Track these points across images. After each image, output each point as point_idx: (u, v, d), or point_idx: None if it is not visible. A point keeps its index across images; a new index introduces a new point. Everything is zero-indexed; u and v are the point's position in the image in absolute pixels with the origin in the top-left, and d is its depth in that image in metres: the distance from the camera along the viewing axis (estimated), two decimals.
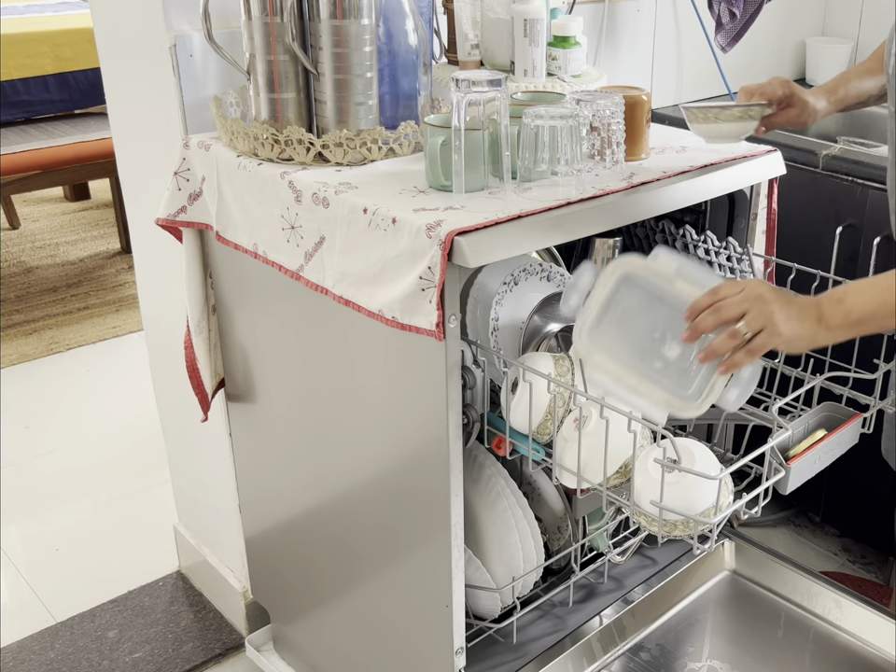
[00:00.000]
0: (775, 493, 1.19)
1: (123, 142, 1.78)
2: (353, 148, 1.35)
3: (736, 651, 1.51)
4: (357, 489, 1.41)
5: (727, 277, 1.45)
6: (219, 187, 1.42)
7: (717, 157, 1.40)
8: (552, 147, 1.22)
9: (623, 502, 1.21)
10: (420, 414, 1.22)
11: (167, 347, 1.86)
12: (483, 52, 1.60)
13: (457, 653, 1.31)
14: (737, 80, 2.36)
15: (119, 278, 3.76)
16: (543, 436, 1.25)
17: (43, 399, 2.95)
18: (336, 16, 1.30)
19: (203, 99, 1.51)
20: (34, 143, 3.55)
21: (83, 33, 3.67)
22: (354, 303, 1.23)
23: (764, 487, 1.17)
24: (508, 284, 1.33)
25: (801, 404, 1.40)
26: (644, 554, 1.65)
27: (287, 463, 1.58)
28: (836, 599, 1.53)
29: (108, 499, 2.46)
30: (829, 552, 2.18)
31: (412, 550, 1.33)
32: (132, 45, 1.60)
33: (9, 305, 3.53)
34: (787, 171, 1.46)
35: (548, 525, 1.52)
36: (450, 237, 1.08)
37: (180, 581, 2.14)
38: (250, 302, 1.52)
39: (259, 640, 1.88)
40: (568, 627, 1.48)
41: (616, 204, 1.25)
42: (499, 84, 1.18)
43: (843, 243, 1.86)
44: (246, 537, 1.82)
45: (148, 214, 1.59)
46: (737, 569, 1.65)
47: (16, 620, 2.05)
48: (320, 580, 1.59)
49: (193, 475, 1.98)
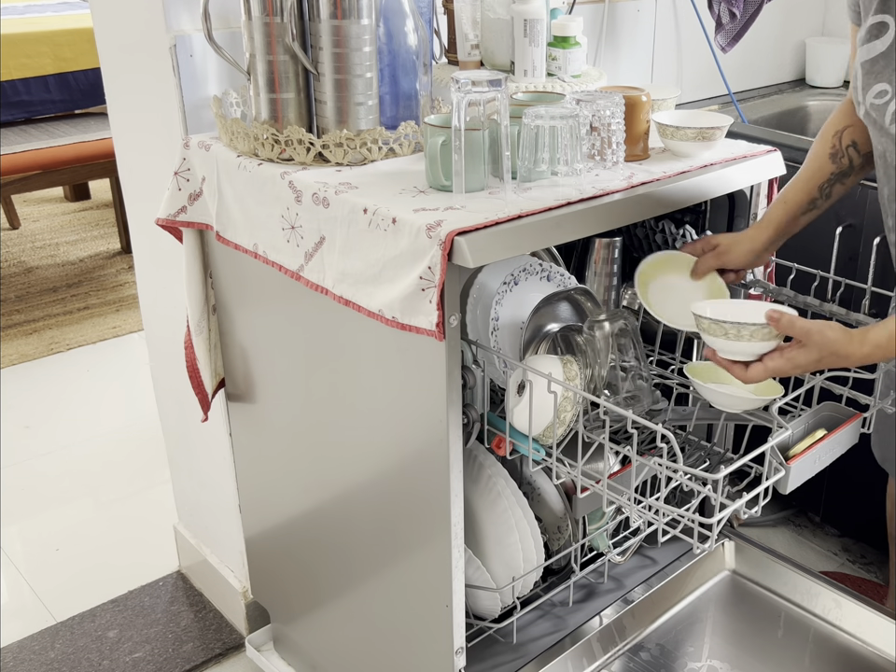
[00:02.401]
0: (775, 493, 1.19)
1: (123, 142, 1.78)
2: (353, 148, 1.35)
3: (736, 650, 1.51)
4: (357, 489, 1.41)
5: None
6: (219, 187, 1.42)
7: (717, 157, 1.40)
8: (552, 146, 1.22)
9: (623, 501, 1.21)
10: (420, 414, 1.22)
11: (167, 347, 1.86)
12: (483, 52, 1.60)
13: (457, 653, 1.31)
14: (737, 80, 2.37)
15: (119, 278, 3.76)
16: (549, 438, 1.25)
17: (43, 398, 2.95)
18: (336, 16, 1.30)
19: (203, 99, 1.51)
20: (34, 143, 3.55)
21: (83, 33, 3.67)
22: (354, 303, 1.23)
23: (764, 487, 1.17)
24: (508, 284, 1.33)
25: (801, 404, 1.40)
26: (644, 554, 1.65)
27: (286, 463, 1.58)
28: (836, 599, 1.53)
29: (108, 499, 2.46)
30: (829, 552, 2.18)
31: (412, 550, 1.33)
32: (132, 45, 1.61)
33: (9, 305, 3.53)
34: (787, 171, 1.46)
35: (548, 524, 1.52)
36: (450, 237, 1.08)
37: (180, 581, 2.14)
38: (250, 302, 1.52)
39: (259, 640, 1.88)
40: (568, 627, 1.48)
41: (616, 204, 1.25)
42: (499, 84, 1.18)
43: (843, 243, 1.86)
44: (246, 537, 1.82)
45: (149, 214, 1.59)
46: (737, 569, 1.65)
47: (16, 620, 2.05)
48: (320, 579, 1.59)
49: (193, 475, 1.98)
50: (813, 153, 1.42)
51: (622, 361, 1.34)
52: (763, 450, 1.16)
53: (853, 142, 1.38)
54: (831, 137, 1.40)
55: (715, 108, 2.22)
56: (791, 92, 2.48)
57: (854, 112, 1.38)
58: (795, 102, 2.44)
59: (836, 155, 1.39)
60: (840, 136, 1.39)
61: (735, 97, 2.27)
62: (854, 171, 1.40)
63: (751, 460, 1.18)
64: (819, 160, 1.41)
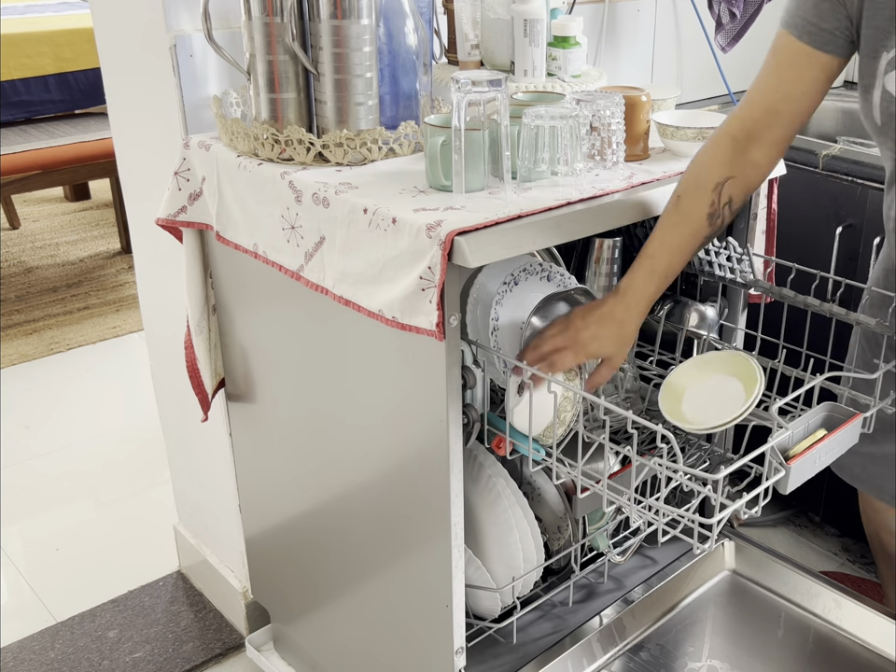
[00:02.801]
0: (775, 493, 1.19)
1: (123, 142, 1.78)
2: (353, 148, 1.35)
3: (736, 650, 1.51)
4: (357, 489, 1.41)
5: (727, 277, 1.45)
6: (219, 187, 1.42)
7: None
8: (552, 146, 1.22)
9: (623, 501, 1.21)
10: (420, 414, 1.22)
11: (167, 347, 1.86)
12: (483, 52, 1.60)
13: (457, 653, 1.31)
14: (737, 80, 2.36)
15: (119, 278, 3.76)
16: (549, 438, 1.25)
17: (43, 398, 2.95)
18: (336, 16, 1.30)
19: (203, 99, 1.51)
20: (34, 143, 3.55)
21: (83, 33, 3.67)
22: (354, 303, 1.23)
23: (764, 487, 1.17)
24: (508, 284, 1.33)
25: (801, 404, 1.40)
26: (644, 554, 1.65)
27: (287, 463, 1.58)
28: (836, 599, 1.53)
29: (108, 499, 2.46)
30: (829, 552, 2.18)
31: (412, 550, 1.33)
32: (132, 45, 1.61)
33: (9, 305, 3.53)
34: (787, 171, 1.46)
35: (548, 524, 1.52)
36: (450, 237, 1.08)
37: (180, 581, 2.14)
38: (250, 302, 1.52)
39: (259, 640, 1.88)
40: (568, 627, 1.48)
41: (616, 204, 1.25)
42: (499, 84, 1.18)
43: (843, 243, 1.86)
44: (246, 537, 1.82)
45: (149, 214, 1.59)
46: (737, 569, 1.65)
47: (16, 620, 2.05)
48: (320, 579, 1.59)
49: (193, 475, 1.98)
50: (687, 212, 1.22)
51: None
52: (763, 450, 1.16)
53: (730, 199, 1.21)
54: (710, 192, 1.21)
55: (715, 108, 2.22)
56: None
57: (737, 159, 1.21)
58: None
59: (714, 216, 1.22)
60: (720, 191, 1.21)
61: (734, 97, 2.27)
62: (718, 234, 1.25)
63: (751, 460, 1.17)
64: (695, 221, 1.22)
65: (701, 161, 1.24)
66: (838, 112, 2.43)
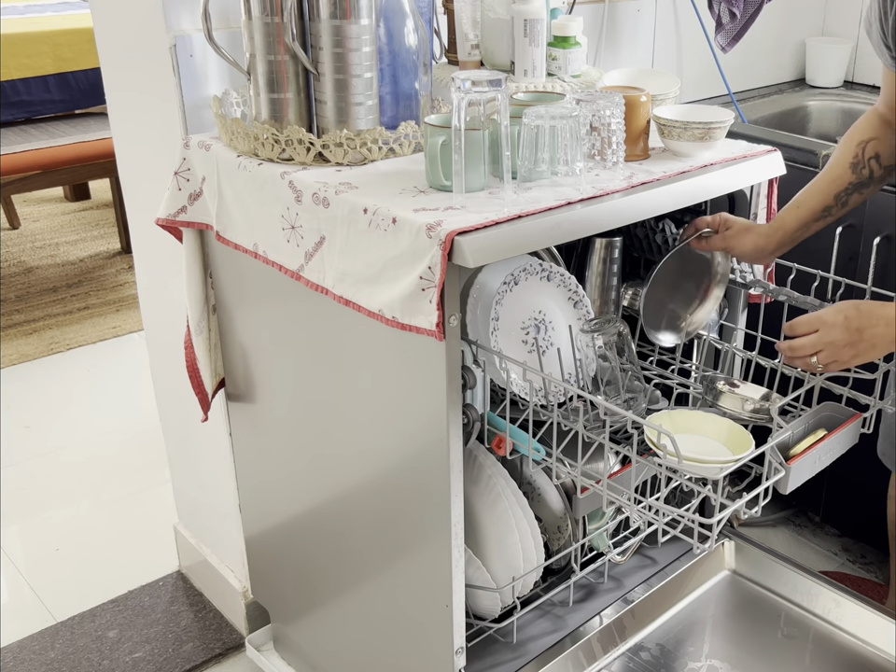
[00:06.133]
0: (775, 493, 1.19)
1: (123, 142, 1.78)
2: (353, 148, 1.35)
3: (736, 650, 1.51)
4: (357, 489, 1.41)
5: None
6: (219, 187, 1.42)
7: (717, 157, 1.40)
8: (552, 147, 1.22)
9: (623, 501, 1.21)
10: (420, 414, 1.22)
11: (167, 347, 1.86)
12: (483, 52, 1.60)
13: (457, 653, 1.31)
14: (737, 80, 2.37)
15: (119, 278, 3.76)
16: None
17: (43, 398, 2.95)
18: (336, 16, 1.30)
19: (203, 99, 1.51)
20: (34, 143, 3.55)
21: (83, 33, 3.67)
22: (354, 303, 1.23)
23: (764, 487, 1.17)
24: (508, 284, 1.33)
25: (801, 404, 1.40)
26: (644, 554, 1.65)
27: (286, 463, 1.58)
28: (836, 599, 1.53)
29: (108, 499, 2.46)
30: (829, 552, 2.18)
31: (412, 550, 1.33)
32: (132, 45, 1.61)
33: (9, 305, 3.53)
34: (787, 171, 1.46)
35: (548, 524, 1.52)
36: (450, 237, 1.08)
37: (180, 581, 2.14)
38: (250, 302, 1.52)
39: (259, 640, 1.88)
40: (568, 627, 1.48)
41: (616, 204, 1.25)
42: (499, 84, 1.18)
43: (843, 243, 1.86)
44: (246, 537, 1.82)
45: (149, 214, 1.59)
46: (737, 569, 1.65)
47: (16, 620, 2.05)
48: (320, 579, 1.59)
49: (193, 475, 1.98)
50: (834, 160, 1.40)
51: (620, 364, 1.34)
52: (763, 450, 1.16)
53: (876, 154, 1.37)
54: (854, 146, 1.39)
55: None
56: (790, 92, 2.48)
57: (880, 125, 1.38)
58: (795, 102, 2.44)
59: (857, 165, 1.38)
60: (864, 147, 1.37)
61: (734, 97, 2.27)
62: (874, 182, 1.39)
63: (751, 460, 1.18)
64: (839, 167, 1.40)
65: (850, 129, 1.42)
66: (838, 112, 2.43)
